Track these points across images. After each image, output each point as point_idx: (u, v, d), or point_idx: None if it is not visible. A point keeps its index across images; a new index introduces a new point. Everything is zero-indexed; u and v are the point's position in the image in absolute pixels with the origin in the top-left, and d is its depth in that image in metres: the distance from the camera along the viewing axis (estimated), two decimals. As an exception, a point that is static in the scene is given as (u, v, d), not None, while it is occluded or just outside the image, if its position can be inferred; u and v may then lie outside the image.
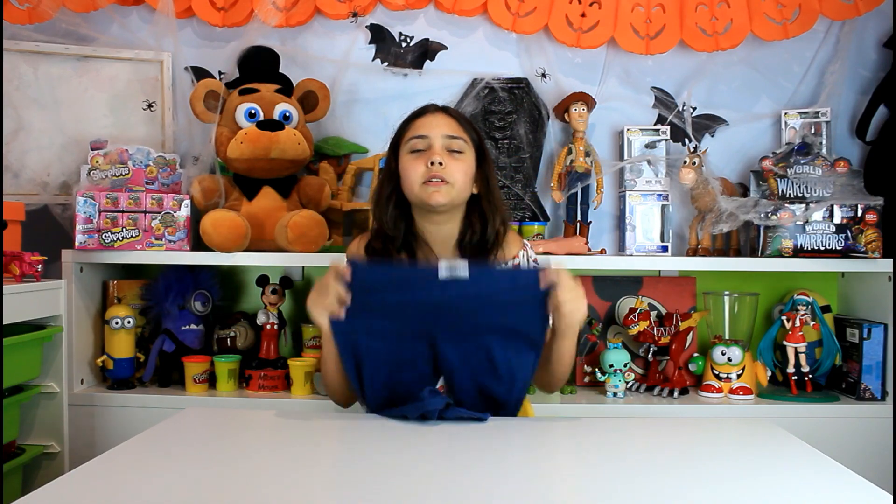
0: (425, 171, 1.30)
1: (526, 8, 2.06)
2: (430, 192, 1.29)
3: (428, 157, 1.30)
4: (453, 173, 1.30)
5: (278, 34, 2.09)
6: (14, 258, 1.62)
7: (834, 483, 0.93)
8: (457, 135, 1.33)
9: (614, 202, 2.14)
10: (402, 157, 1.35)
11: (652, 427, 1.24)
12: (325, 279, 1.21)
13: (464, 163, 1.33)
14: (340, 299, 1.20)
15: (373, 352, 1.22)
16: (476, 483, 0.91)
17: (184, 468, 0.96)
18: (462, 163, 1.32)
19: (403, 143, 1.35)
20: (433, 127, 1.33)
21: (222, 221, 1.77)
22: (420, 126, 1.34)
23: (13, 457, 1.62)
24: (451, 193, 1.30)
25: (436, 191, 1.29)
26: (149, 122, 2.08)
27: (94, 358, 1.89)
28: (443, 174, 1.29)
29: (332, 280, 1.20)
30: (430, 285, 1.18)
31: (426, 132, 1.32)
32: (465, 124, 1.37)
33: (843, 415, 1.81)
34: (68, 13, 2.01)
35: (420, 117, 1.36)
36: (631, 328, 1.90)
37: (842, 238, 1.84)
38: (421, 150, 1.32)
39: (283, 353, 2.00)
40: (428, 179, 1.29)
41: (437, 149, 1.31)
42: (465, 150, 1.34)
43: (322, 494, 0.90)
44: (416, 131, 1.33)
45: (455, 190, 1.31)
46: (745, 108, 2.14)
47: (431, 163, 1.29)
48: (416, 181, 1.30)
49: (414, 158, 1.32)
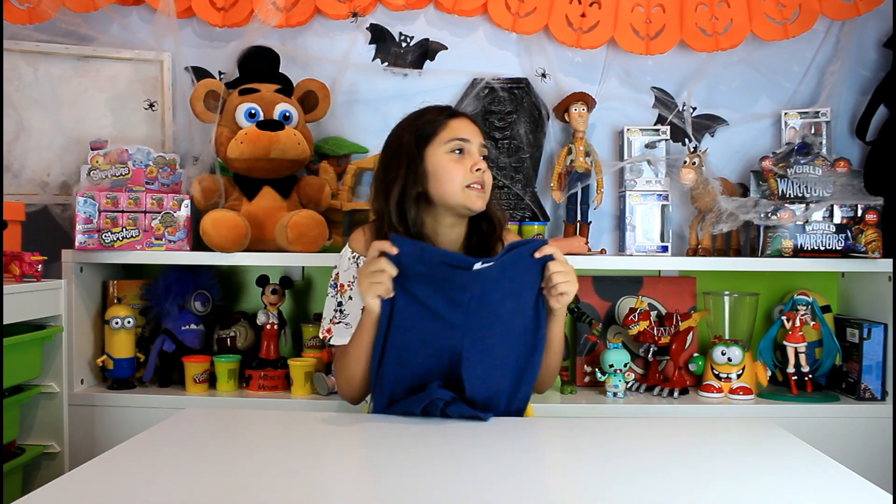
0: (468, 176, 1.32)
1: (526, 8, 2.06)
2: (473, 197, 1.33)
3: (472, 162, 1.33)
4: (488, 181, 1.36)
5: (278, 34, 2.09)
6: (14, 258, 1.62)
7: (834, 483, 0.93)
8: (485, 143, 1.39)
9: (614, 202, 2.14)
10: (436, 156, 1.33)
11: (652, 427, 1.25)
12: (372, 260, 1.20)
13: (490, 171, 1.38)
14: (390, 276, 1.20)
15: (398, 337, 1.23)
16: (476, 483, 0.91)
17: (184, 468, 0.96)
18: (489, 172, 1.38)
19: (439, 142, 1.34)
20: (472, 133, 1.36)
21: (222, 221, 1.77)
22: (459, 129, 1.35)
23: (13, 457, 1.62)
24: (486, 199, 1.36)
25: (478, 196, 1.33)
26: (149, 122, 2.08)
27: (94, 358, 1.89)
28: (486, 180, 1.34)
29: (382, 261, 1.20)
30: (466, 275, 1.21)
31: (468, 136, 1.34)
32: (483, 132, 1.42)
33: (843, 415, 1.81)
34: (68, 13, 2.01)
35: (454, 118, 1.37)
36: (631, 328, 1.90)
37: (842, 238, 1.84)
38: (461, 153, 1.34)
39: (283, 353, 2.00)
40: (471, 184, 1.32)
41: (476, 154, 1.34)
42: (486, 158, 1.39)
43: (322, 494, 0.90)
44: (457, 133, 1.34)
45: (487, 197, 1.36)
46: (745, 108, 2.14)
47: (478, 168, 1.33)
48: (460, 184, 1.32)
49: (456, 160, 1.33)
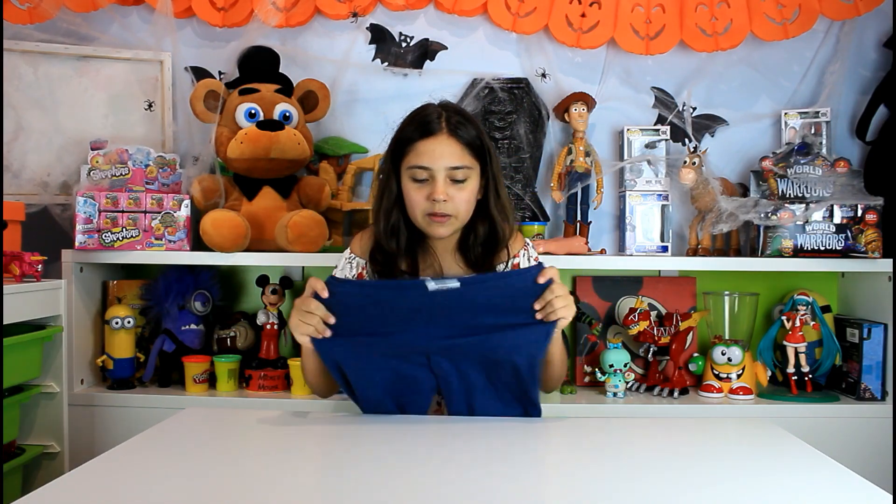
0: (428, 206, 1.27)
1: (526, 8, 2.06)
2: (433, 226, 1.29)
3: (431, 192, 1.26)
4: (457, 206, 1.28)
5: (278, 34, 2.09)
6: (14, 258, 1.62)
7: (834, 483, 0.93)
8: (460, 164, 1.27)
9: (614, 202, 2.14)
10: (403, 178, 1.30)
11: (652, 427, 1.25)
12: (305, 299, 1.19)
13: (467, 191, 1.29)
14: (324, 319, 1.18)
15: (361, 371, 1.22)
16: (476, 482, 0.91)
17: (184, 468, 0.96)
18: (465, 191, 1.28)
19: (405, 167, 1.29)
20: (435, 157, 1.26)
21: (222, 221, 1.77)
22: (422, 154, 1.27)
23: (13, 457, 1.62)
24: (455, 225, 1.31)
25: (439, 225, 1.28)
26: (148, 122, 2.08)
27: (94, 358, 1.89)
28: (446, 210, 1.27)
29: (312, 303, 1.18)
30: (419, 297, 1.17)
31: (429, 163, 1.26)
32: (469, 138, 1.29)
33: (843, 415, 1.81)
34: (68, 13, 2.01)
35: (423, 139, 1.27)
36: (631, 328, 1.90)
37: (842, 238, 1.84)
38: (423, 180, 1.28)
39: (283, 353, 2.00)
40: (431, 214, 1.27)
41: (440, 183, 1.26)
42: (470, 175, 1.29)
43: (322, 494, 0.90)
44: (419, 159, 1.27)
45: (458, 220, 1.30)
46: (745, 108, 2.14)
47: (435, 199, 1.26)
48: (420, 213, 1.29)
49: (417, 188, 1.28)
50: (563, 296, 1.19)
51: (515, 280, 1.21)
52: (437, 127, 1.28)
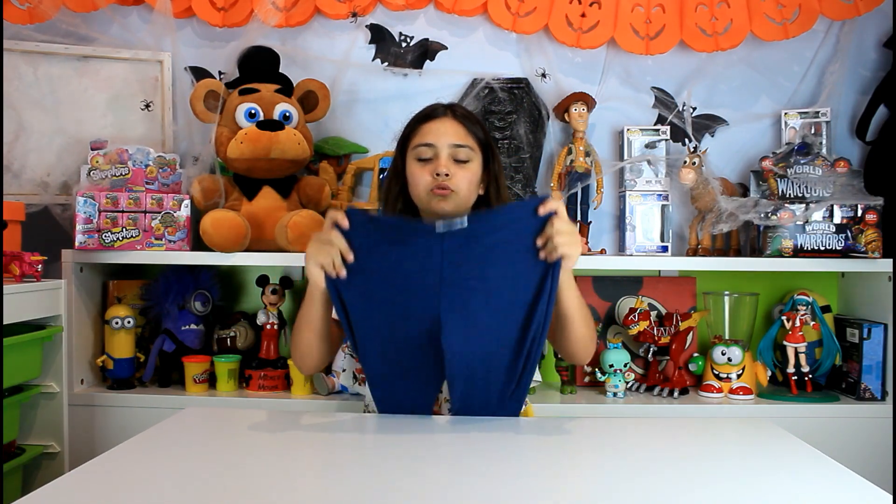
0: (432, 181, 1.32)
1: (526, 8, 2.06)
2: (436, 202, 1.32)
3: (434, 167, 1.32)
4: (459, 182, 1.32)
5: (278, 34, 2.09)
6: (14, 258, 1.62)
7: (834, 483, 0.93)
8: (463, 143, 1.34)
9: (614, 202, 2.14)
10: (409, 161, 1.36)
11: (652, 427, 1.24)
12: (325, 232, 1.20)
13: (469, 171, 1.34)
14: (343, 255, 1.19)
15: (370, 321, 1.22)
16: (476, 483, 0.91)
17: (184, 468, 0.96)
18: (468, 171, 1.34)
19: (410, 148, 1.36)
20: (440, 135, 1.33)
21: (222, 221, 1.77)
22: (427, 133, 1.34)
23: (13, 457, 1.62)
24: (457, 201, 1.33)
25: (442, 199, 1.32)
26: (148, 122, 2.08)
27: (94, 358, 1.89)
28: (448, 184, 1.31)
29: (333, 233, 1.19)
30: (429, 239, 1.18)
31: (433, 140, 1.33)
32: (473, 127, 1.37)
33: (843, 415, 1.81)
34: (68, 13, 2.01)
35: (427, 122, 1.36)
36: (631, 328, 1.90)
37: (842, 238, 1.83)
38: (428, 159, 1.33)
39: (283, 353, 2.00)
40: (434, 188, 1.31)
41: (443, 159, 1.32)
42: (472, 157, 1.35)
43: (322, 494, 0.90)
44: (423, 138, 1.34)
45: (460, 198, 1.33)
46: (745, 108, 2.14)
47: (438, 174, 1.30)
48: (424, 189, 1.33)
49: (421, 167, 1.34)
50: (565, 231, 1.17)
51: (519, 212, 1.22)
52: (442, 112, 1.37)
